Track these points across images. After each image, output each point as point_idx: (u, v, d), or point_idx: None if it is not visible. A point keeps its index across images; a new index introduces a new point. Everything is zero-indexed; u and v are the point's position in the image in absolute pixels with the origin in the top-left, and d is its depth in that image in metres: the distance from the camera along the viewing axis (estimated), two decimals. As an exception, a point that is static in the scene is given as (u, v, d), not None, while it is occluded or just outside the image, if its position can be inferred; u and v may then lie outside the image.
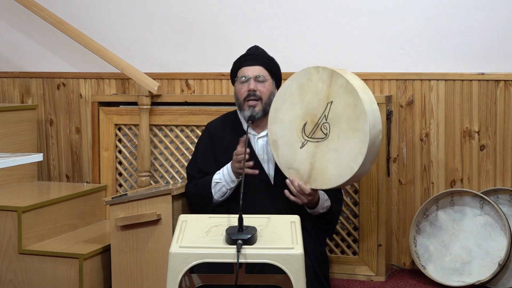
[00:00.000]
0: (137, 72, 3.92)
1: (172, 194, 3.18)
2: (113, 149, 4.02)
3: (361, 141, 2.78)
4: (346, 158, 2.81)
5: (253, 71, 3.15)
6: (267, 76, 3.16)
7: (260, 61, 3.17)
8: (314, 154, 2.89)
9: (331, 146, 2.85)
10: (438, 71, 3.75)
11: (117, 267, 3.29)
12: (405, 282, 3.61)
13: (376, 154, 2.95)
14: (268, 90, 3.14)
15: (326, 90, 2.87)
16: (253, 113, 3.11)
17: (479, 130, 3.71)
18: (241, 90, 3.14)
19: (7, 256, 3.41)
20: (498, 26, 3.66)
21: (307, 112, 2.92)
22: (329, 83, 2.86)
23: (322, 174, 2.88)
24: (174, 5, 4.12)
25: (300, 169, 2.93)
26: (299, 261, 2.36)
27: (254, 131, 3.18)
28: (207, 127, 3.32)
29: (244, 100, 3.13)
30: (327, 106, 2.87)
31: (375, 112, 2.87)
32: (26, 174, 4.11)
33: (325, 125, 2.87)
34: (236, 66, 3.22)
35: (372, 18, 3.82)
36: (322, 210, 3.06)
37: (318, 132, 2.89)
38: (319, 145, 2.88)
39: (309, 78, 2.92)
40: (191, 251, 2.39)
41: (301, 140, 2.93)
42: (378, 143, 2.92)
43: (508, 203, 3.64)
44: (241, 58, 3.23)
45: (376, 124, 2.85)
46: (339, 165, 2.83)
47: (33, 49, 4.39)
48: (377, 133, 2.87)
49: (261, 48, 3.28)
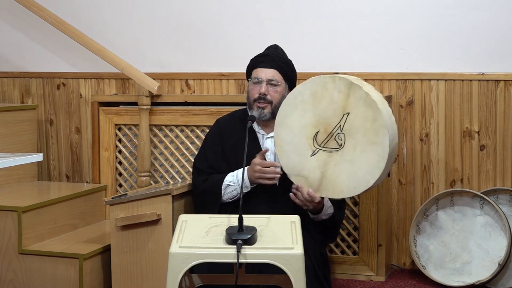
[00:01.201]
0: (137, 72, 3.92)
1: (172, 194, 3.18)
2: (113, 149, 4.02)
3: (379, 155, 2.76)
4: (361, 170, 2.79)
5: (267, 74, 3.10)
6: (280, 80, 3.11)
7: (275, 64, 3.12)
8: (326, 163, 2.87)
9: (346, 157, 2.83)
10: (438, 71, 3.74)
11: (117, 267, 3.29)
12: (405, 282, 3.61)
13: (391, 166, 2.92)
14: (280, 94, 3.10)
15: (343, 101, 2.83)
16: (261, 114, 3.08)
17: (479, 130, 3.71)
18: (253, 91, 3.11)
19: (7, 256, 3.41)
20: (498, 26, 3.66)
21: (319, 120, 2.88)
22: (347, 94, 2.82)
23: (334, 184, 2.86)
24: (174, 5, 4.12)
25: (310, 177, 2.91)
26: (299, 261, 2.36)
27: (263, 131, 3.16)
28: (217, 122, 3.29)
29: (254, 101, 3.10)
30: (343, 117, 2.83)
31: (393, 126, 2.86)
32: (26, 174, 4.11)
33: (340, 136, 2.84)
34: (251, 64, 3.18)
35: (372, 18, 3.82)
36: (325, 216, 3.06)
37: (331, 142, 2.86)
38: (332, 154, 2.85)
39: (324, 86, 2.87)
40: (191, 251, 2.39)
41: (312, 148, 2.90)
42: (394, 156, 2.91)
43: (508, 203, 3.64)
44: (258, 57, 3.18)
45: (394, 137, 2.84)
46: (353, 177, 2.81)
47: (33, 49, 4.39)
48: (394, 146, 2.86)
49: (280, 48, 3.23)
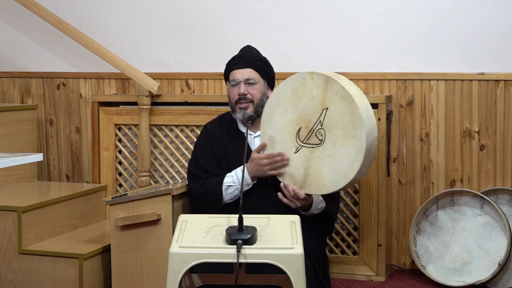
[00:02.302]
0: (137, 72, 3.92)
1: (172, 194, 3.18)
2: (113, 149, 4.02)
3: (357, 148, 2.78)
4: (341, 165, 2.82)
5: (243, 74, 3.15)
6: (257, 78, 3.16)
7: (250, 63, 3.17)
8: (309, 159, 2.90)
9: (326, 153, 2.85)
10: (438, 71, 3.74)
11: (117, 267, 3.29)
12: (405, 282, 3.61)
13: (372, 160, 2.95)
14: (260, 92, 3.15)
15: (322, 96, 2.86)
16: (244, 115, 3.12)
17: (479, 130, 3.71)
18: (233, 93, 3.16)
19: (7, 256, 3.41)
20: (498, 26, 3.66)
21: (301, 117, 2.91)
22: (325, 89, 2.85)
23: (317, 180, 2.89)
24: (174, 5, 4.12)
25: (295, 174, 2.94)
26: (299, 261, 2.36)
27: (250, 131, 3.19)
28: (205, 128, 3.33)
29: (236, 103, 3.14)
30: (322, 112, 2.86)
31: (371, 119, 2.87)
32: (26, 174, 4.11)
33: (320, 131, 2.87)
34: (227, 68, 3.23)
35: (372, 18, 3.82)
36: (317, 211, 3.07)
37: (313, 138, 2.89)
38: (314, 150, 2.88)
39: (304, 83, 2.91)
40: (191, 251, 2.39)
41: (295, 145, 2.93)
42: (374, 150, 2.92)
43: (508, 203, 3.64)
44: (232, 60, 3.23)
45: (372, 131, 2.85)
46: (334, 172, 2.84)
47: (33, 49, 4.39)
48: (373, 140, 2.87)
49: (253, 48, 3.28)
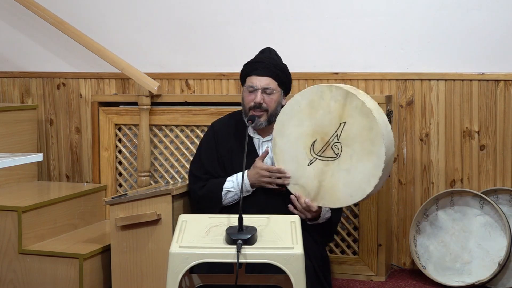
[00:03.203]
0: (137, 72, 3.92)
1: (172, 194, 3.18)
2: (113, 149, 4.02)
3: (375, 164, 2.76)
4: (358, 179, 2.80)
5: (262, 82, 3.06)
6: (275, 88, 3.08)
7: (270, 71, 3.07)
8: (323, 172, 2.87)
9: (342, 166, 2.83)
10: (438, 71, 3.74)
11: (117, 267, 3.29)
12: (405, 282, 3.61)
13: (388, 175, 2.93)
14: (275, 102, 3.07)
15: (340, 110, 2.83)
16: (257, 123, 3.05)
17: (479, 130, 3.71)
18: (248, 99, 3.08)
19: (7, 256, 3.41)
20: (498, 26, 3.66)
21: (316, 130, 2.88)
22: (343, 103, 2.82)
23: (330, 193, 2.86)
24: (174, 5, 4.11)
25: (307, 185, 2.91)
26: (299, 261, 2.36)
27: (258, 135, 3.15)
28: (212, 126, 3.27)
29: (250, 109, 3.07)
30: (340, 126, 2.83)
31: (390, 135, 2.86)
32: (26, 174, 4.11)
33: (337, 145, 2.85)
34: (246, 71, 3.13)
35: (372, 18, 3.82)
36: (322, 220, 3.05)
37: (328, 151, 2.86)
38: (329, 163, 2.86)
39: (321, 96, 2.86)
40: (191, 251, 2.39)
41: (309, 157, 2.90)
42: (391, 165, 2.91)
43: (508, 203, 3.64)
44: (251, 64, 3.12)
45: (390, 146, 2.84)
46: (350, 186, 2.82)
47: (33, 49, 4.39)
48: (391, 156, 2.86)
49: (274, 52, 3.18)
